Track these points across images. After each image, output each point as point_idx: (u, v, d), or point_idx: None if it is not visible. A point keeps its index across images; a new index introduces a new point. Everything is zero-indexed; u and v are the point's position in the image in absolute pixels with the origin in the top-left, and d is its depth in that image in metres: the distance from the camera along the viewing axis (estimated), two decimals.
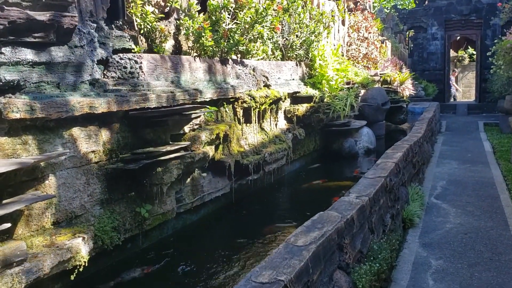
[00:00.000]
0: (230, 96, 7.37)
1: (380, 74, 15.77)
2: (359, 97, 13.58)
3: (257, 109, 7.83)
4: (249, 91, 7.79)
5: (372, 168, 6.22)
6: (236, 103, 7.63)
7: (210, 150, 6.37)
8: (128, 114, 5.38)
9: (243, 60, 8.09)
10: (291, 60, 10.14)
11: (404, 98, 16.37)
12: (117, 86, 5.50)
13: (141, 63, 5.79)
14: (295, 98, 10.09)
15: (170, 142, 5.95)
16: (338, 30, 13.88)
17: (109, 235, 5.18)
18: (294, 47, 10.08)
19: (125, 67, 5.76)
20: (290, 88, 9.64)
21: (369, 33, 15.91)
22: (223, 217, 7.32)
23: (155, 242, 6.22)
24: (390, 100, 14.91)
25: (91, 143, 5.03)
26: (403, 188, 6.51)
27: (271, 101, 8.05)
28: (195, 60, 6.78)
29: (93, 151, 5.07)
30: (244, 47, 8.49)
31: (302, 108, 9.60)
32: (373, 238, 4.68)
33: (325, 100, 10.64)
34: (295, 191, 8.82)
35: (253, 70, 8.07)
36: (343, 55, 13.86)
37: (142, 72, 5.79)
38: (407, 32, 27.18)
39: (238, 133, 7.66)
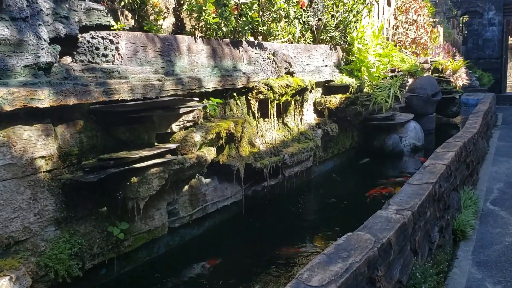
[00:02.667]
0: (241, 86, 6.00)
1: (430, 62, 13.92)
2: (406, 87, 11.89)
3: (275, 101, 6.41)
4: (267, 79, 6.39)
5: (418, 171, 5.23)
6: (249, 94, 6.26)
7: (208, 153, 5.05)
8: (101, 108, 4.13)
9: (262, 42, 6.68)
10: (324, 44, 8.63)
11: (457, 88, 14.46)
12: (84, 72, 4.25)
13: (117, 43, 4.51)
14: (328, 88, 8.60)
15: (156, 144, 4.67)
16: (383, 11, 12.17)
17: (65, 264, 3.99)
18: (328, 28, 8.56)
19: (97, 48, 4.50)
20: (321, 76, 8.15)
21: (419, 15, 14.05)
22: (230, 232, 6.02)
23: (140, 264, 5.00)
24: (442, 91, 13.13)
25: (40, 147, 3.81)
26: (455, 193, 5.49)
27: (293, 91, 6.62)
28: (195, 41, 5.44)
29: (43, 157, 3.85)
30: (266, 28, 7.08)
31: (335, 100, 8.10)
32: (416, 261, 3.87)
33: (365, 90, 9.09)
34: (323, 198, 7.37)
35: (273, 54, 6.65)
36: (388, 39, 12.15)
37: (119, 54, 4.52)
38: (461, 18, 24.89)
39: (252, 130, 6.29)
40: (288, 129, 7.16)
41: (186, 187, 5.35)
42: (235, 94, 6.05)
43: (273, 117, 6.54)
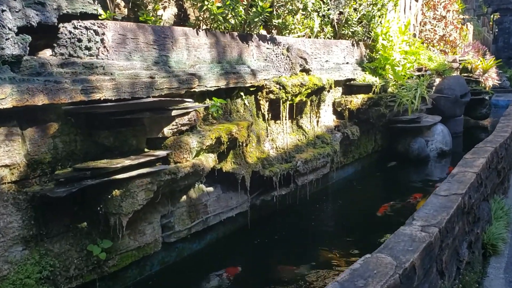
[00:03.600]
0: (249, 84, 5.33)
1: (459, 61, 13.01)
2: (433, 87, 11.04)
3: (288, 102, 5.73)
4: (279, 77, 5.70)
5: (445, 180, 4.68)
6: (259, 93, 5.59)
7: (207, 161, 4.41)
8: (76, 109, 3.52)
9: (275, 36, 6.00)
10: (345, 39, 7.89)
11: (487, 89, 13.50)
12: (63, 67, 3.65)
13: (103, 34, 3.89)
14: (349, 87, 7.86)
15: (146, 150, 4.04)
16: (410, 6, 11.32)
17: None
18: (350, 22, 7.82)
19: (79, 40, 3.90)
20: (341, 74, 7.42)
21: (448, 11, 13.13)
22: (234, 246, 5.38)
23: (130, 284, 4.40)
24: (471, 91, 12.22)
25: (2, 154, 3.22)
26: (485, 203, 4.96)
27: (309, 91, 5.92)
28: (197, 33, 4.79)
29: (6, 166, 3.26)
30: (280, 21, 6.40)
31: (356, 100, 7.37)
32: (443, 284, 3.44)
33: (389, 90, 8.32)
34: (340, 208, 6.65)
35: (287, 49, 5.96)
36: (414, 36, 11.31)
37: (104, 47, 3.90)
38: (492, 15, 23.71)
39: (261, 134, 5.62)
40: (303, 132, 6.46)
41: (184, 197, 4.72)
42: (242, 93, 5.39)
43: (286, 119, 5.86)
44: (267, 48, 5.82)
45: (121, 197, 3.58)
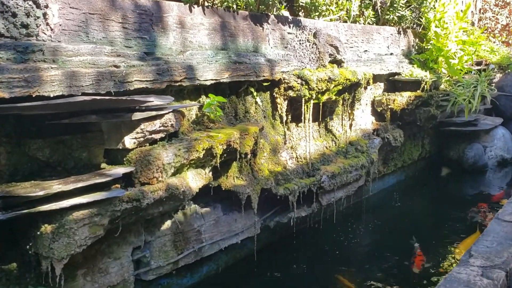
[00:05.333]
0: (262, 78, 4.14)
1: None
2: (493, 84, 9.43)
3: (313, 101, 4.49)
4: (301, 69, 4.47)
5: (511, 199, 3.97)
6: (275, 89, 4.39)
7: (194, 179, 3.26)
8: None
9: (299, 18, 4.76)
10: (390, 25, 6.53)
11: None
12: None
13: (46, 7, 2.80)
14: (393, 83, 6.52)
15: (102, 167, 2.93)
16: None
17: None
18: (397, 5, 6.45)
19: (14, 15, 2.81)
20: (383, 67, 6.09)
21: None
22: (237, 280, 4.24)
23: None
24: None
25: None
26: None
27: (339, 87, 4.66)
28: (190, 10, 3.64)
29: None
30: (309, 0, 5.14)
31: (401, 99, 6.02)
32: None
33: (441, 86, 6.90)
34: (375, 231, 5.36)
35: (314, 35, 4.71)
36: (473, 25, 9.72)
37: (47, 24, 2.82)
38: None
39: (277, 140, 4.42)
40: (332, 137, 5.21)
41: (167, 223, 3.61)
42: (252, 89, 4.20)
43: (309, 122, 4.62)
44: (289, 33, 4.60)
45: (53, 236, 2.50)
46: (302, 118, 4.53)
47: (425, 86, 6.36)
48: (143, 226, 3.45)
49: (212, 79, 3.65)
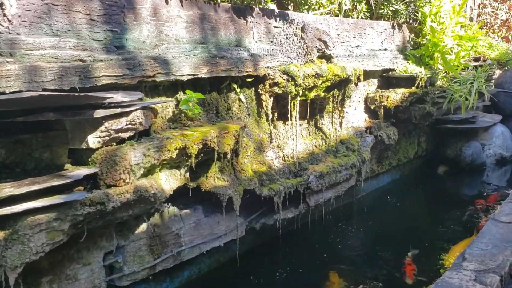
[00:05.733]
0: (245, 74, 3.93)
1: None
2: (492, 81, 9.20)
3: (300, 97, 4.28)
4: (287, 64, 4.26)
5: (508, 199, 3.86)
6: (260, 86, 4.18)
7: (167, 180, 3.07)
8: None
9: (286, 11, 4.55)
10: (384, 20, 6.31)
11: None
12: None
13: None
14: (387, 79, 6.30)
15: (66, 168, 2.73)
16: None
17: None
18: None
19: None
20: (377, 63, 5.87)
21: None
22: (220, 284, 4.04)
23: None
24: None
25: None
26: None
27: (328, 83, 4.45)
28: (166, 2, 3.43)
29: None
30: None
31: (395, 96, 5.81)
32: None
33: (438, 83, 6.68)
34: (366, 234, 5.15)
35: (302, 29, 4.50)
36: (472, 20, 9.48)
37: (5, 15, 2.61)
38: None
39: (262, 138, 4.21)
40: (322, 135, 5.00)
41: (143, 226, 3.41)
42: (235, 85, 4.00)
43: (296, 120, 4.41)
44: (275, 27, 4.39)
45: (5, 243, 2.30)
46: (289, 115, 4.31)
47: (420, 82, 6.14)
48: (116, 230, 3.27)
49: (189, 75, 3.45)
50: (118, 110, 2.61)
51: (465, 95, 6.31)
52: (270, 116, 4.30)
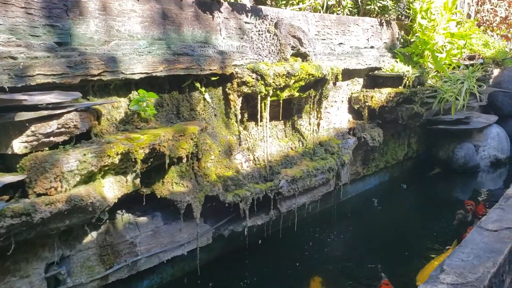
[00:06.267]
0: (209, 72, 3.67)
1: None
2: (490, 80, 8.87)
3: (269, 97, 4.01)
4: (257, 63, 4.00)
5: (496, 206, 3.54)
6: (228, 85, 3.91)
7: (111, 188, 2.81)
8: None
9: (258, 6, 4.27)
10: (371, 17, 6.01)
11: None
12: None
13: None
14: (373, 79, 6.01)
15: None
16: None
17: None
18: None
19: None
20: (361, 62, 5.59)
21: None
22: None
23: None
24: None
25: None
26: None
27: (301, 83, 4.18)
28: None
29: None
30: None
31: (379, 96, 5.52)
32: None
33: (428, 82, 6.38)
34: (343, 241, 4.87)
35: (275, 26, 4.22)
36: (469, 17, 9.14)
37: None
38: None
39: (229, 141, 3.96)
40: (300, 137, 4.74)
41: (92, 235, 3.17)
42: (198, 84, 3.74)
43: (266, 121, 4.15)
44: (246, 23, 4.12)
45: None
46: (259, 116, 4.04)
47: (407, 82, 5.85)
48: (61, 239, 3.03)
49: (141, 73, 3.20)
50: (45, 112, 2.36)
51: (455, 95, 6.00)
52: (239, 117, 4.03)
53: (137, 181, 3.13)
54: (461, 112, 6.92)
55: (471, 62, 7.59)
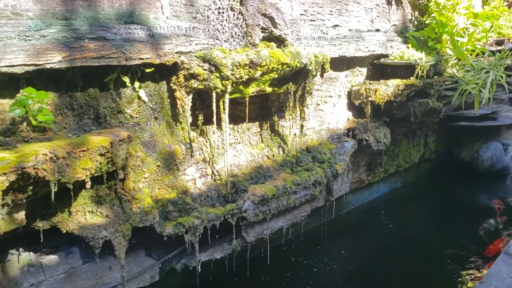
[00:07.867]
0: (139, 62, 2.68)
1: None
2: None
3: (227, 94, 2.99)
4: (210, 49, 2.97)
5: None
6: (173, 78, 2.91)
7: None
8: None
9: None
10: None
11: None
12: None
13: None
14: (379, 68, 4.91)
15: None
16: None
17: None
18: None
19: None
20: (362, 47, 4.50)
21: None
22: None
23: None
24: None
25: None
26: None
27: (273, 75, 3.14)
28: None
29: None
30: None
31: (385, 89, 4.43)
32: None
33: (446, 72, 5.22)
34: (332, 274, 3.81)
35: (241, 2, 3.19)
36: None
37: None
38: None
39: (172, 152, 2.96)
40: (280, 142, 3.71)
41: None
42: (126, 78, 2.75)
43: (226, 125, 3.12)
44: None
45: None
46: (214, 119, 3.03)
47: (421, 71, 4.73)
48: None
49: (25, 65, 2.23)
50: None
51: (479, 86, 4.84)
52: (190, 119, 3.03)
53: (20, 215, 2.18)
54: (486, 107, 5.73)
55: (499, 47, 6.33)
